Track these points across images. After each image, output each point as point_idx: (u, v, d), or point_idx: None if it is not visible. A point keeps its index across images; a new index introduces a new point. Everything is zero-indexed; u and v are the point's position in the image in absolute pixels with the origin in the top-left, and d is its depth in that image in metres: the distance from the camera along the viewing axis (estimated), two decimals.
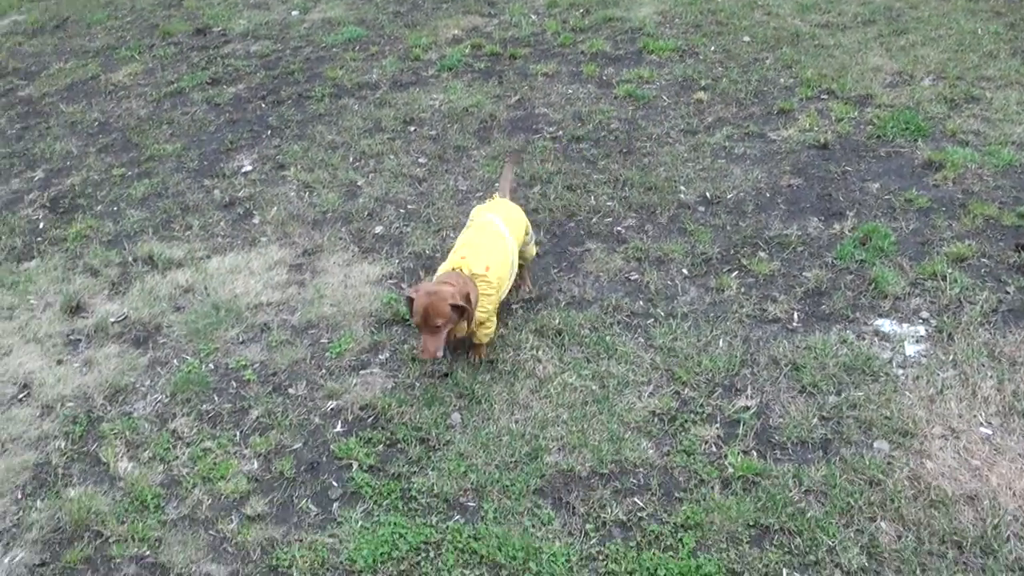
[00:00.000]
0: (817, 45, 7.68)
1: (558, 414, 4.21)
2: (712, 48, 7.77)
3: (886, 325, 4.63)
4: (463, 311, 4.19)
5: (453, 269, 4.34)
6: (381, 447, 4.19)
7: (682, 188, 5.84)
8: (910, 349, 4.47)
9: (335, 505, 3.95)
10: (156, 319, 5.24)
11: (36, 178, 7.13)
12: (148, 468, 4.27)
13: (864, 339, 4.54)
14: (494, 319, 4.51)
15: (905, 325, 4.62)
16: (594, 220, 5.61)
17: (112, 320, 5.28)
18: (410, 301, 4.19)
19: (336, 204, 6.06)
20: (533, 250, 5.01)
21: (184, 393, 4.66)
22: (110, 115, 7.99)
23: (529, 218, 5.04)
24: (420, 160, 6.50)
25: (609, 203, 5.75)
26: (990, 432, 3.95)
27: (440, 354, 4.20)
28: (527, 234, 4.84)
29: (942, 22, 7.92)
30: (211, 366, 4.84)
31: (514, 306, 4.94)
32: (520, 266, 4.83)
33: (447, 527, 3.77)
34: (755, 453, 3.98)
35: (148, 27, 10.05)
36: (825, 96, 6.84)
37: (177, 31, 9.69)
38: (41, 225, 6.40)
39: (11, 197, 6.87)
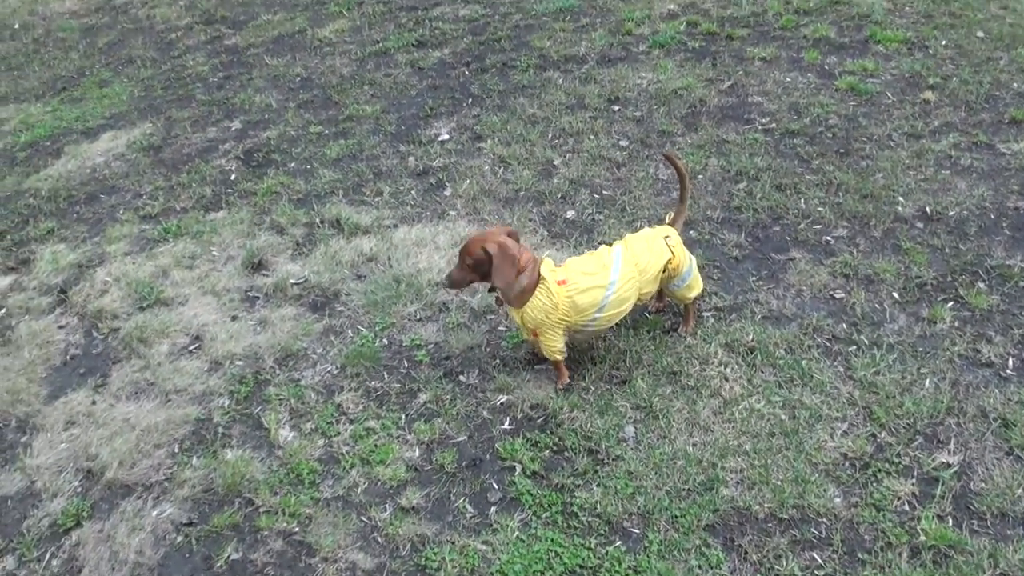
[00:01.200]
0: None
1: (740, 443, 3.89)
2: (943, 42, 7.13)
3: None
4: (485, 262, 3.94)
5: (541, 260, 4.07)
6: (547, 453, 3.97)
7: (900, 199, 5.35)
8: None
9: (492, 510, 3.77)
10: (336, 285, 5.17)
11: (233, 128, 7.21)
12: (308, 440, 4.20)
13: None
14: (556, 337, 4.10)
15: None
16: (802, 226, 5.20)
17: (292, 281, 5.25)
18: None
19: (530, 183, 5.85)
20: (688, 292, 4.39)
21: (354, 367, 4.57)
22: (313, 71, 8.02)
23: (732, 216, 4.67)
24: (621, 143, 6.20)
25: (820, 208, 5.32)
26: None
27: (451, 288, 4.17)
28: (672, 275, 4.28)
29: None
30: (385, 341, 4.73)
31: (705, 313, 4.61)
32: (686, 306, 4.51)
33: (606, 552, 3.52)
34: (951, 519, 3.55)
35: None
36: None
37: None
38: (233, 176, 6.46)
39: (206, 145, 6.97)
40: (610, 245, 4.23)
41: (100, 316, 5.17)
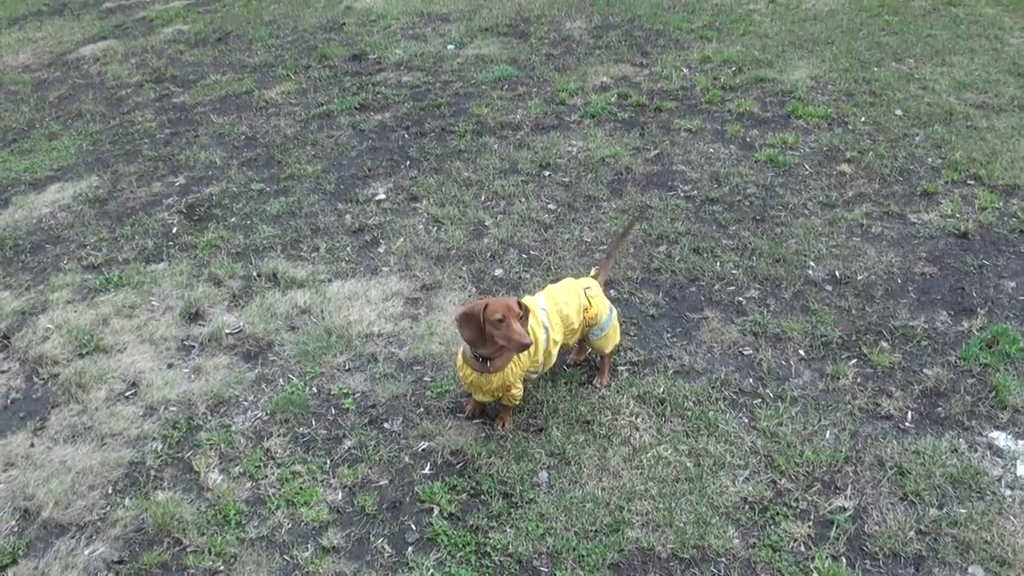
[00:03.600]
0: (970, 126, 7.36)
1: (647, 487, 4.10)
2: (863, 119, 7.53)
3: (1001, 439, 4.36)
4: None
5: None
6: (464, 496, 4.15)
7: (811, 263, 5.66)
8: (1022, 469, 4.20)
9: (410, 549, 3.93)
10: (270, 336, 5.34)
11: (177, 183, 7.38)
12: (236, 483, 4.34)
13: (976, 451, 4.28)
14: (520, 385, 4.35)
15: (1021, 442, 4.34)
16: (716, 287, 5.47)
17: (227, 331, 5.40)
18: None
19: (461, 242, 6.08)
20: (606, 343, 4.63)
21: (283, 413, 4.72)
22: (258, 130, 8.24)
23: (652, 277, 4.91)
24: (549, 206, 6.48)
25: (734, 271, 5.61)
26: None
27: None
28: (590, 324, 4.53)
29: None
30: (314, 390, 4.90)
31: (620, 367, 4.85)
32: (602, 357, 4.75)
33: None
34: (844, 560, 3.77)
35: (307, 48, 10.36)
36: (972, 181, 6.54)
37: (334, 55, 9.96)
38: (175, 230, 6.62)
39: (150, 199, 7.13)
40: (532, 295, 4.47)
41: (41, 362, 5.29)
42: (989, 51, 9.03)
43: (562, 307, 4.39)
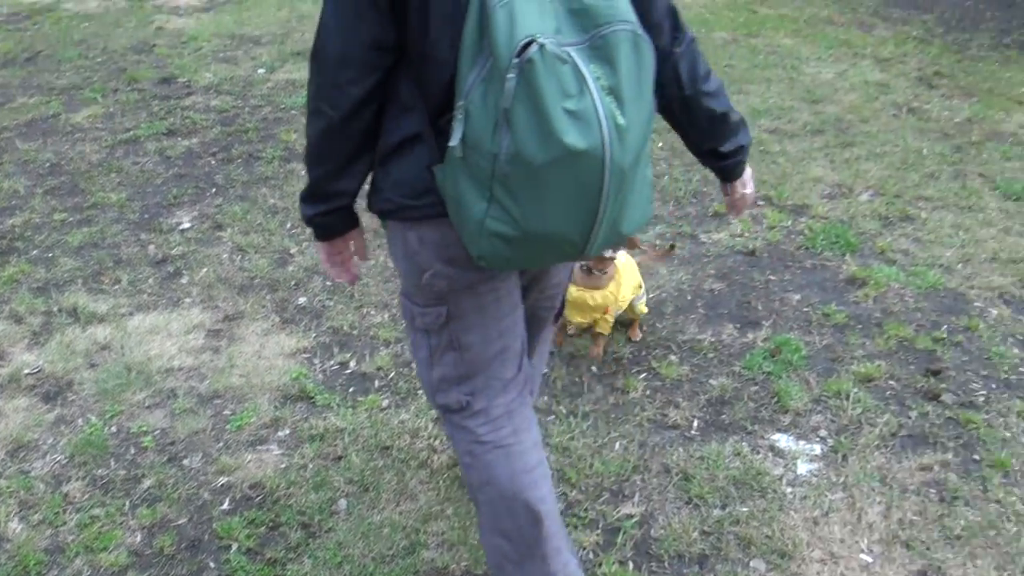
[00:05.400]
0: (763, 151, 7.80)
1: (443, 508, 4.23)
2: (660, 144, 7.87)
3: (782, 440, 4.68)
4: None
5: None
6: (263, 529, 4.19)
7: None
8: (802, 467, 4.51)
9: None
10: (70, 374, 5.24)
11: None
12: (36, 531, 4.25)
13: (759, 453, 4.58)
14: (612, 316, 5.09)
15: (801, 442, 4.66)
16: None
17: (27, 371, 5.28)
18: None
19: (265, 270, 6.10)
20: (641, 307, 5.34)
21: (82, 455, 4.65)
22: (63, 157, 8.03)
23: None
24: None
25: None
26: (870, 560, 3.98)
27: None
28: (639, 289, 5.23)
29: (889, 138, 8.06)
30: (113, 429, 4.84)
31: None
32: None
33: None
34: (631, 564, 3.98)
35: (116, 70, 10.13)
36: (762, 203, 6.94)
37: (144, 78, 9.78)
38: None
39: None
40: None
41: None
42: (785, 79, 9.57)
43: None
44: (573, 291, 4.73)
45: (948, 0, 13.18)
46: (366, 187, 3.01)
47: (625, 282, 5.06)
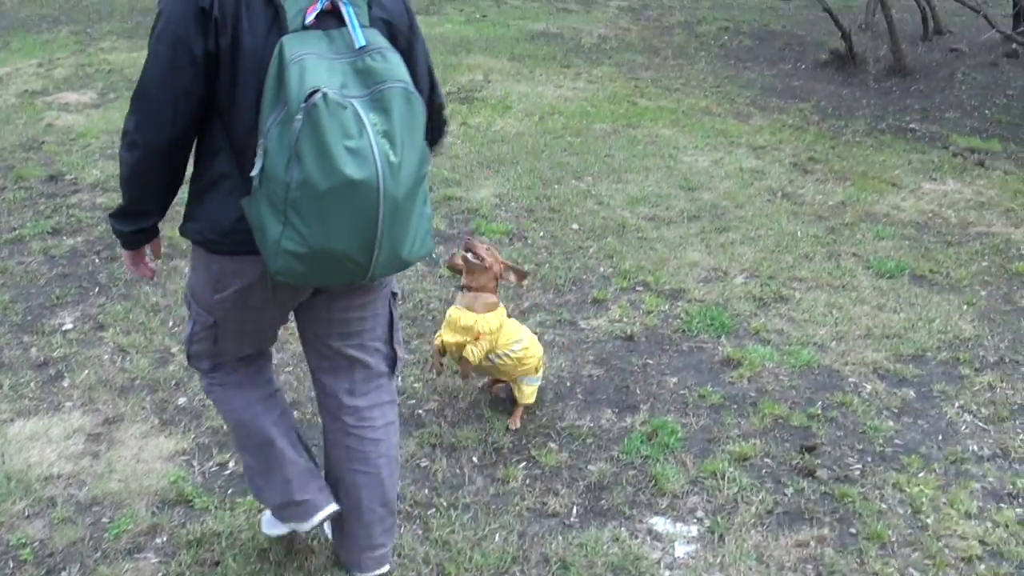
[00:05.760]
0: (641, 237, 8.06)
1: None
2: (541, 233, 8.09)
3: (660, 524, 4.79)
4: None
5: None
6: None
7: None
8: (680, 550, 4.63)
9: None
10: None
11: None
12: None
13: (637, 537, 4.69)
14: (481, 349, 5.23)
15: (679, 524, 4.79)
16: (398, 401, 5.71)
17: None
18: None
19: (146, 371, 6.06)
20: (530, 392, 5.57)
21: None
22: None
23: None
24: None
25: (416, 384, 5.88)
26: None
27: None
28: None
29: (764, 222, 8.41)
30: None
31: None
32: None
33: None
34: None
35: (4, 168, 10.03)
36: (640, 288, 7.16)
37: (31, 175, 9.69)
38: None
39: None
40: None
41: None
42: (663, 168, 9.93)
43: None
44: (452, 310, 5.22)
45: (825, 89, 13.87)
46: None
47: (509, 330, 5.35)
